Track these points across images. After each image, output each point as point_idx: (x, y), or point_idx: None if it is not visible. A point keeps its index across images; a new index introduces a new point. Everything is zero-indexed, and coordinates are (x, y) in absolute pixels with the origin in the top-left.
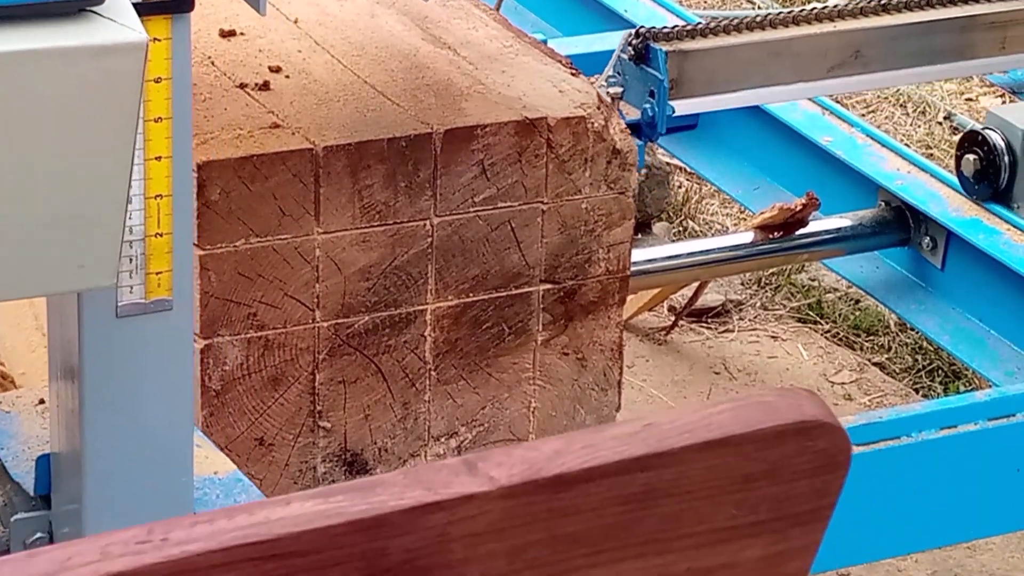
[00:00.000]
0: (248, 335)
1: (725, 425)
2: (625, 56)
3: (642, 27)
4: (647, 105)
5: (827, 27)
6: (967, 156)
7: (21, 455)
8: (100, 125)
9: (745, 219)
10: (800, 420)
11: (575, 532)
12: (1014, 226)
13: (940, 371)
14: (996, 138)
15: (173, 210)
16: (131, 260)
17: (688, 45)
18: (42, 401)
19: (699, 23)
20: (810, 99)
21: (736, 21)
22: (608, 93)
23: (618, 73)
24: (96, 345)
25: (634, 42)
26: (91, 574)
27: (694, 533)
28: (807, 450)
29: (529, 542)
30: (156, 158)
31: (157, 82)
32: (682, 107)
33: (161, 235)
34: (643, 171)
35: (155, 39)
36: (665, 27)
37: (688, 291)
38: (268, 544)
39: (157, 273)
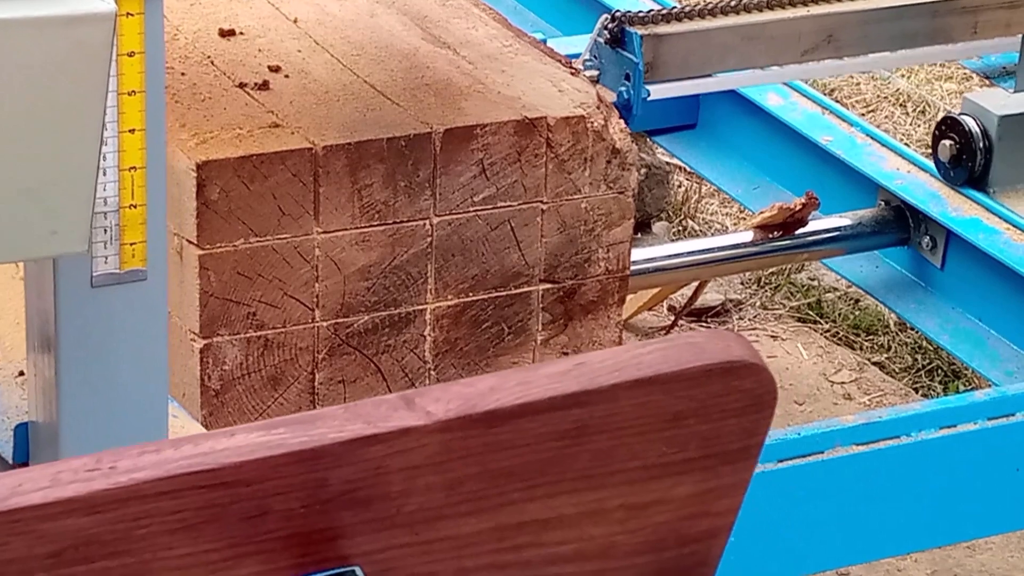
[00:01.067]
0: (248, 335)
1: (654, 364)
2: (601, 40)
3: (618, 11)
4: (623, 88)
5: (800, 11)
6: (943, 141)
7: (0, 425)
8: (70, 94)
9: (745, 219)
10: (727, 360)
11: (510, 467)
12: (1014, 226)
13: (940, 371)
14: (972, 124)
15: (147, 182)
16: (105, 231)
17: (663, 29)
18: (21, 373)
19: (674, 7)
20: (785, 83)
21: (711, 5)
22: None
23: (594, 57)
24: (72, 314)
25: (610, 26)
26: (42, 499)
27: (627, 469)
28: (734, 390)
29: (466, 476)
30: (129, 131)
31: (130, 56)
32: (657, 90)
33: (135, 207)
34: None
35: (128, 13)
36: (640, 11)
37: (688, 291)
38: (212, 473)
39: (131, 244)
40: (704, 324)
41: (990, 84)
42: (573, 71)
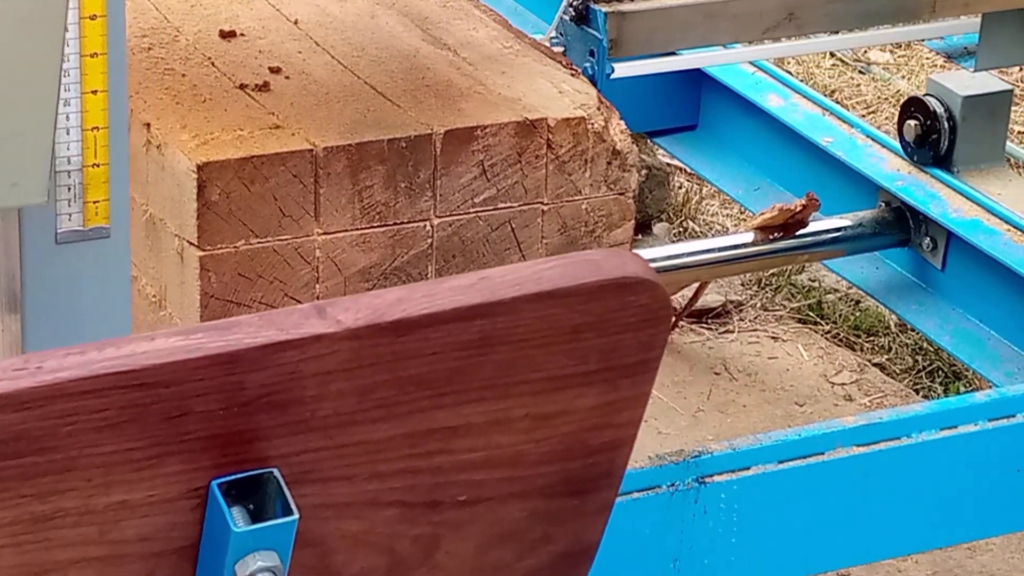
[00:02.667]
0: None
1: (553, 279)
2: (567, 17)
3: None
4: (587, 64)
5: None
6: (908, 122)
7: None
8: (27, 46)
9: (745, 220)
10: (622, 276)
11: (418, 375)
12: (1014, 226)
13: (940, 372)
14: (936, 104)
15: (109, 142)
16: (69, 189)
17: (627, 7)
18: None
19: None
20: (750, 62)
21: None
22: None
23: (560, 34)
24: (37, 271)
25: (575, 3)
26: None
27: (530, 380)
28: (630, 304)
29: (376, 383)
30: (92, 92)
31: (92, 19)
32: (621, 68)
33: (98, 166)
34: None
35: None
36: None
37: (688, 291)
38: (133, 374)
39: (95, 202)
40: (705, 325)
41: (948, 61)
42: (573, 72)
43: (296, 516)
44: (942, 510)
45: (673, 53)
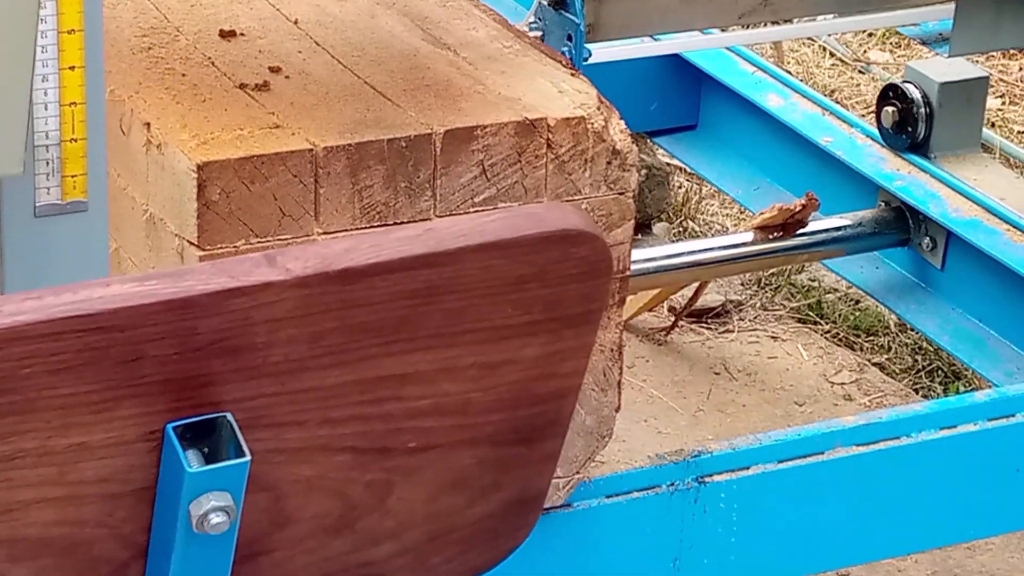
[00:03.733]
0: None
1: (496, 231)
2: (544, 2)
3: None
4: (565, 48)
5: None
6: (886, 108)
7: None
8: (1, 20)
9: (745, 219)
10: (563, 229)
11: (367, 323)
12: (1014, 226)
13: (940, 371)
14: (914, 91)
15: (87, 117)
16: (48, 163)
17: None
18: None
19: None
20: (727, 48)
21: None
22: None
23: (539, 19)
24: (16, 244)
25: None
26: None
27: (476, 329)
28: (571, 256)
29: (325, 330)
30: (70, 68)
31: None
32: (599, 53)
33: (76, 140)
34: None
35: None
36: None
37: (688, 291)
38: (89, 318)
39: (72, 176)
40: (705, 325)
41: (922, 47)
42: (573, 72)
43: (248, 458)
44: (942, 510)
45: (651, 37)
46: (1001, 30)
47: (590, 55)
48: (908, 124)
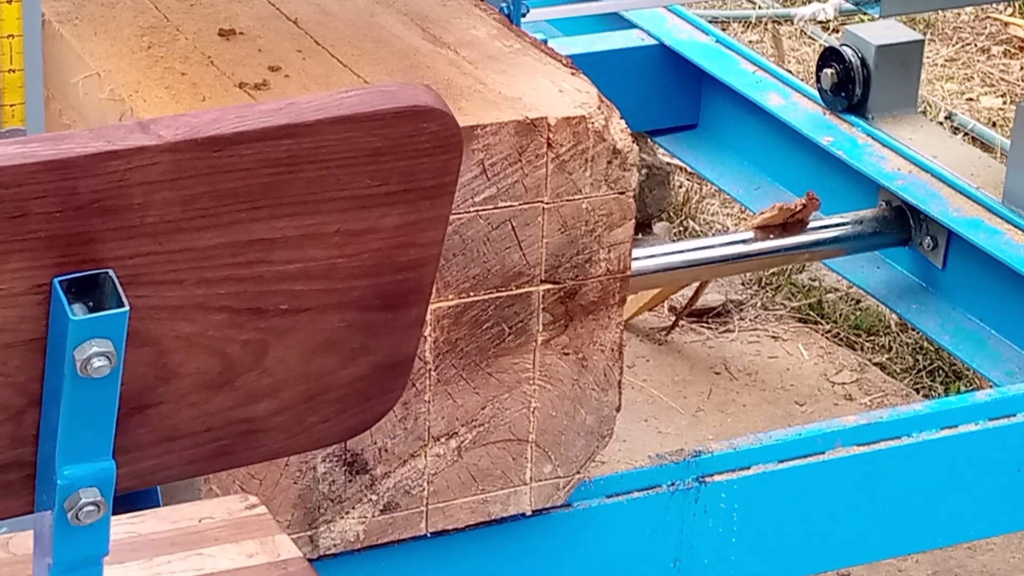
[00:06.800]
0: None
1: (352, 105)
2: None
3: None
4: (503, 4)
5: None
6: (825, 70)
7: None
8: None
9: (745, 219)
10: (414, 105)
11: (235, 188)
12: (1015, 226)
13: (941, 371)
14: (851, 54)
15: (24, 49)
16: None
17: None
18: None
19: None
20: (666, 7)
21: None
22: None
23: None
24: None
25: None
26: None
27: (338, 198)
28: (423, 131)
29: (197, 193)
30: (7, 2)
31: None
32: (536, 13)
33: (14, 71)
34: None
35: None
36: None
37: (688, 291)
38: None
39: (11, 105)
40: (705, 325)
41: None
42: (574, 71)
43: (127, 308)
44: (942, 510)
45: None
46: None
47: (527, 12)
48: (846, 86)
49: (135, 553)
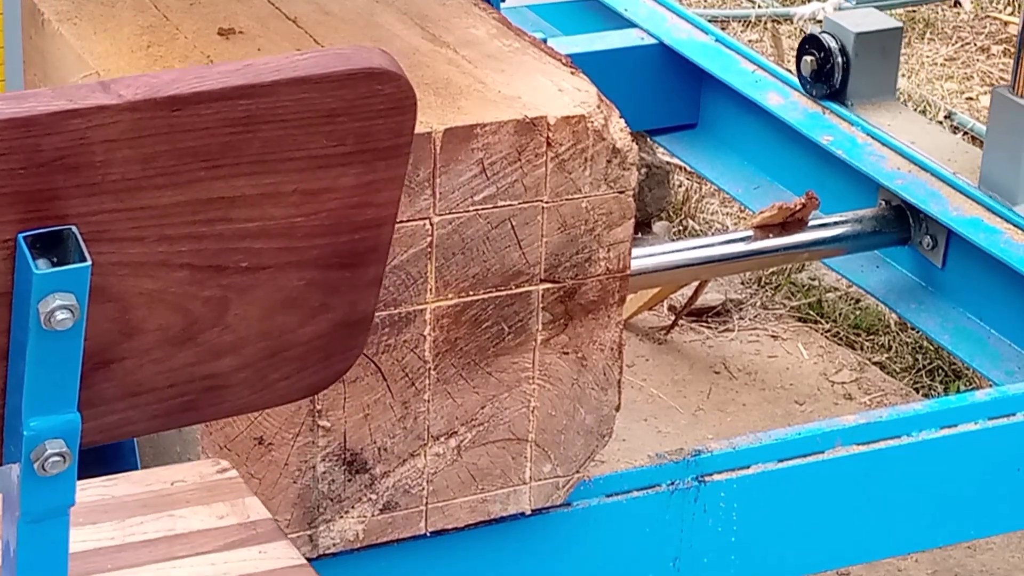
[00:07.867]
0: None
1: (307, 67)
2: None
3: None
4: None
5: None
6: (805, 57)
7: None
8: None
9: (745, 218)
10: (368, 67)
11: (195, 147)
12: (1015, 225)
13: (940, 370)
14: (831, 41)
15: (4, 27)
16: None
17: None
18: None
19: None
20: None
21: None
22: None
23: None
24: None
25: None
26: None
27: (295, 158)
28: (377, 93)
29: (157, 152)
30: None
31: None
32: None
33: None
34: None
35: None
36: None
37: (688, 290)
38: None
39: None
40: (705, 324)
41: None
42: (573, 70)
43: (89, 263)
44: (942, 509)
45: None
46: None
47: None
48: (826, 73)
49: (108, 515)
